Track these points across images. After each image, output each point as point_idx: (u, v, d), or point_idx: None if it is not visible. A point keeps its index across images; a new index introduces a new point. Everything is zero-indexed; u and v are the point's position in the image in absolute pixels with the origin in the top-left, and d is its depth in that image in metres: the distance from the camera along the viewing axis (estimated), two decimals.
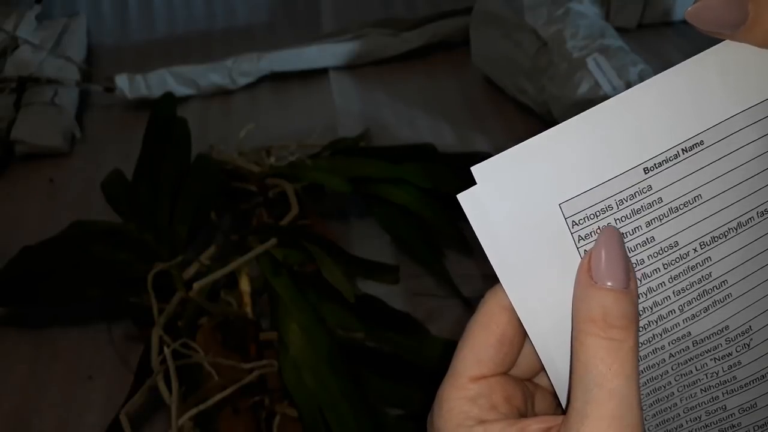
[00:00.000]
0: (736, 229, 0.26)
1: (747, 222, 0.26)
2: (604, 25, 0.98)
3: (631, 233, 0.25)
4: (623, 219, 0.25)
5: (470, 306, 0.74)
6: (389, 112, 1.07)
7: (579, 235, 0.25)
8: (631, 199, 0.25)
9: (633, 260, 0.25)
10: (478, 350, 0.27)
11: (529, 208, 0.25)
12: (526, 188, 0.25)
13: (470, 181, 0.26)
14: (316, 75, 1.16)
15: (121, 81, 1.10)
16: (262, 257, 0.66)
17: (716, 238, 0.26)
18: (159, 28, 1.32)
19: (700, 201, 0.25)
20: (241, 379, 0.59)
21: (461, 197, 0.25)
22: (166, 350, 0.58)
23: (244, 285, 0.66)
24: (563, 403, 0.27)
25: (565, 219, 0.25)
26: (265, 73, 1.14)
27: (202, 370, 0.60)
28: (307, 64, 1.15)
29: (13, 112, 1.04)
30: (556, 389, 0.27)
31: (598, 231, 0.25)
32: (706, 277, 0.26)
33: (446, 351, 0.65)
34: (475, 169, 0.25)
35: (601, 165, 0.25)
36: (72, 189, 0.96)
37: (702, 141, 0.25)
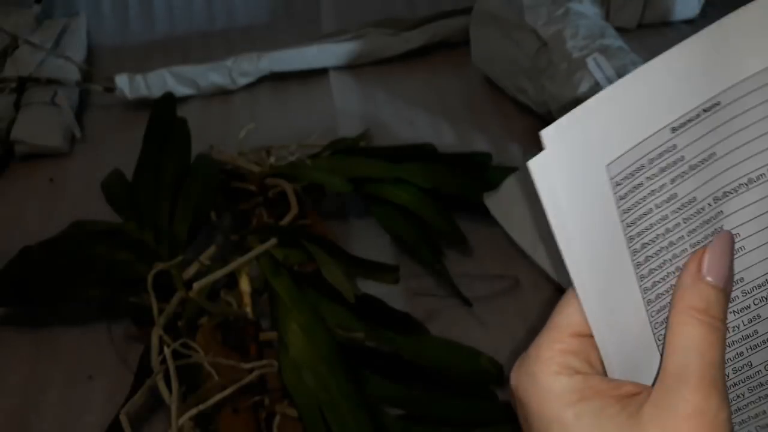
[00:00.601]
0: (747, 185, 0.28)
1: (758, 178, 0.28)
2: (604, 25, 0.98)
3: (658, 190, 0.27)
4: (652, 177, 0.27)
5: (470, 306, 0.74)
6: (389, 112, 1.07)
7: (619, 195, 0.26)
8: (659, 158, 0.26)
9: (659, 215, 0.27)
10: (581, 309, 0.28)
11: (583, 170, 0.26)
12: (582, 150, 0.26)
13: (470, 181, 0.26)
14: (316, 75, 1.16)
15: (121, 81, 1.10)
16: (262, 257, 0.66)
17: (728, 193, 0.28)
18: (159, 28, 1.32)
19: (715, 158, 0.27)
20: (241, 379, 0.59)
21: (531, 164, 0.26)
22: (166, 350, 0.58)
23: (244, 285, 0.66)
24: (607, 367, 0.29)
25: (610, 180, 0.26)
26: (265, 73, 1.14)
27: (202, 370, 0.60)
28: (307, 64, 1.15)
29: (13, 112, 1.04)
30: (600, 351, 0.28)
31: (633, 190, 0.26)
32: (719, 230, 0.28)
33: (446, 351, 0.66)
34: (544, 133, 0.25)
35: (636, 126, 0.26)
36: (72, 189, 0.96)
37: (719, 101, 0.26)
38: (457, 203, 0.83)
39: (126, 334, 0.73)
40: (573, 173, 0.26)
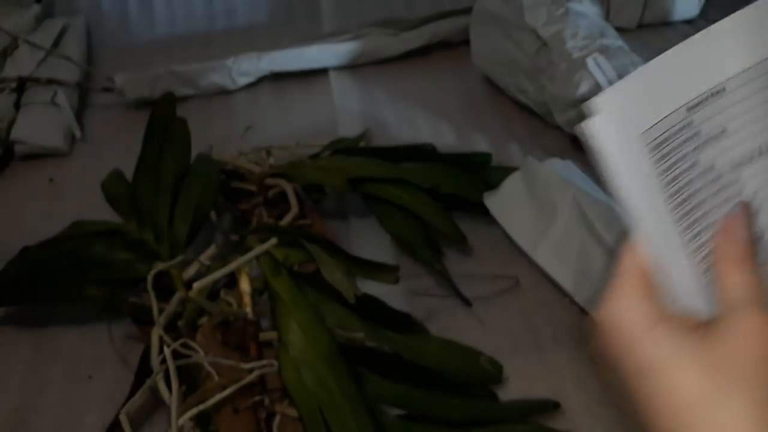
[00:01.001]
0: (756, 157, 0.34)
1: (767, 149, 0.34)
2: (604, 25, 0.98)
3: (682, 159, 0.33)
4: (677, 147, 0.33)
5: (470, 306, 0.74)
6: (389, 112, 1.07)
7: (654, 159, 0.33)
8: (680, 132, 0.33)
9: (686, 179, 0.33)
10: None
11: (626, 135, 0.32)
12: (622, 118, 0.32)
13: (470, 181, 0.26)
14: (316, 75, 1.16)
15: (121, 81, 1.10)
16: (262, 257, 0.66)
17: (743, 162, 0.34)
18: (159, 28, 1.32)
19: (727, 133, 0.33)
20: (241, 379, 0.59)
21: (584, 125, 0.32)
22: (166, 350, 0.58)
23: (244, 285, 0.66)
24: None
25: (645, 145, 0.32)
26: (265, 73, 1.14)
27: (202, 370, 0.60)
28: (307, 64, 1.15)
29: (13, 112, 1.04)
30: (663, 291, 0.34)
31: (664, 156, 0.33)
32: (738, 193, 0.34)
33: (446, 351, 0.66)
34: (596, 100, 0.32)
35: (661, 104, 0.32)
36: (72, 189, 0.96)
37: (724, 87, 0.33)
38: (457, 203, 0.83)
39: (126, 334, 0.73)
40: (619, 137, 0.32)
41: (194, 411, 0.55)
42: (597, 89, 0.88)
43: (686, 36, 0.31)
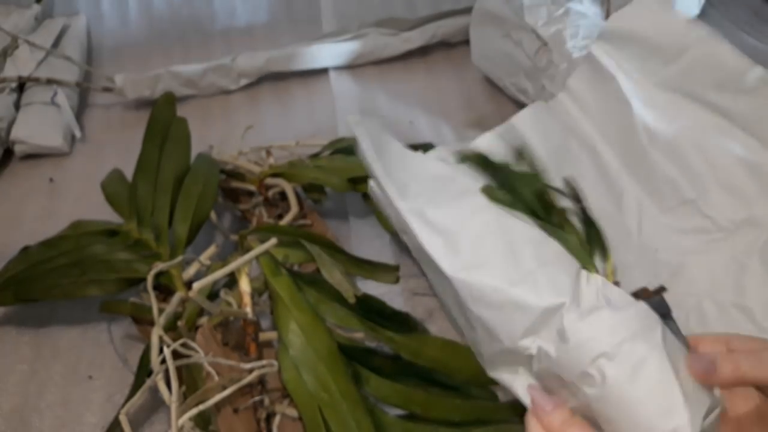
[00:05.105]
0: None
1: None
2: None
3: None
4: None
5: None
6: (389, 112, 1.07)
7: None
8: None
9: None
10: None
11: None
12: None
13: None
14: (316, 75, 1.16)
15: (121, 81, 1.10)
16: (262, 257, 0.66)
17: None
18: (159, 28, 1.32)
19: None
20: (241, 379, 0.59)
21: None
22: (166, 350, 0.58)
23: (244, 285, 0.66)
24: None
25: None
26: (265, 73, 1.14)
27: (202, 370, 0.60)
28: (307, 64, 1.15)
29: (13, 112, 1.04)
30: None
31: None
32: None
33: (446, 351, 0.65)
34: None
35: None
36: (72, 189, 0.96)
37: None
38: None
39: (126, 334, 0.74)
40: None
41: (194, 411, 0.55)
42: None
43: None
